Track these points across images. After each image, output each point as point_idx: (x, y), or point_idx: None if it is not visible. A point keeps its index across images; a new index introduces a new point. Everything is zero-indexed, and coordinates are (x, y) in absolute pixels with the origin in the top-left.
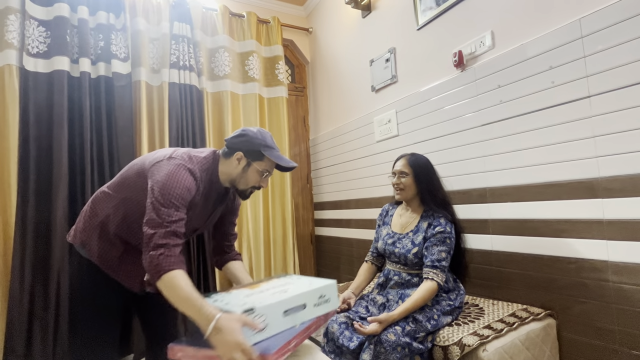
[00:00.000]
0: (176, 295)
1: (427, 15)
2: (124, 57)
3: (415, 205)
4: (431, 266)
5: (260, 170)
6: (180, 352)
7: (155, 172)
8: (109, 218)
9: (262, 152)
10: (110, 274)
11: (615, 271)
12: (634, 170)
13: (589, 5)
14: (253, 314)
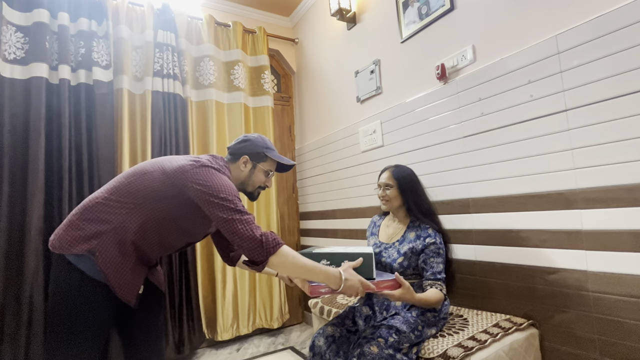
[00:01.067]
0: (299, 264)
1: (410, 28)
2: (106, 65)
3: (401, 216)
4: (434, 279)
5: (265, 171)
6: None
7: (195, 178)
8: (124, 225)
9: (265, 154)
10: (112, 286)
11: (594, 281)
12: (609, 182)
13: (564, 23)
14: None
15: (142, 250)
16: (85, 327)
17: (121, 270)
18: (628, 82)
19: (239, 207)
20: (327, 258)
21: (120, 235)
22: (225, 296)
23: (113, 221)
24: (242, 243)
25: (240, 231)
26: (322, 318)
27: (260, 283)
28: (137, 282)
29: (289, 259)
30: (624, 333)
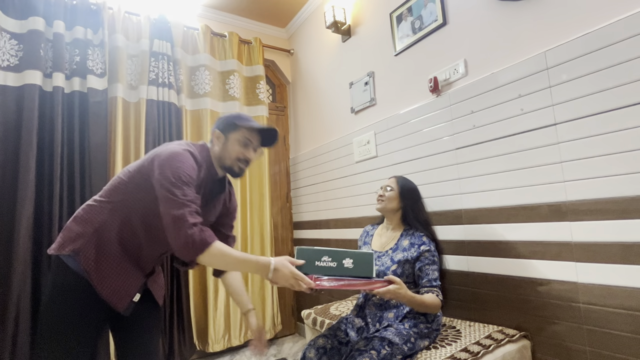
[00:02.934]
0: (230, 259)
1: (404, 42)
2: (101, 73)
3: (395, 223)
4: (429, 285)
5: (239, 140)
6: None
7: (157, 158)
8: (107, 224)
9: (235, 123)
10: (95, 285)
11: (584, 292)
12: (598, 195)
13: (553, 39)
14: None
15: (131, 251)
16: (74, 324)
17: (104, 271)
18: (614, 98)
19: (177, 197)
20: (329, 255)
21: (103, 235)
22: (217, 306)
23: (96, 221)
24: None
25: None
26: (315, 329)
27: (253, 293)
28: (126, 286)
29: (216, 257)
30: (615, 345)
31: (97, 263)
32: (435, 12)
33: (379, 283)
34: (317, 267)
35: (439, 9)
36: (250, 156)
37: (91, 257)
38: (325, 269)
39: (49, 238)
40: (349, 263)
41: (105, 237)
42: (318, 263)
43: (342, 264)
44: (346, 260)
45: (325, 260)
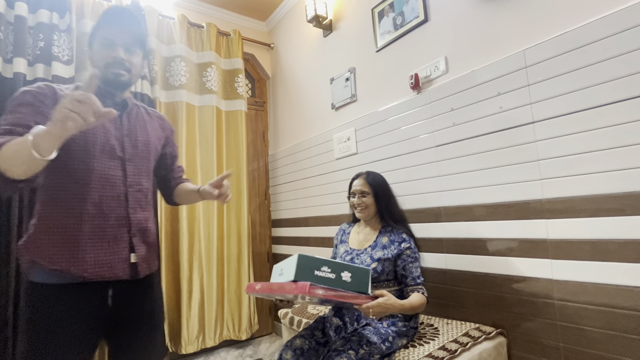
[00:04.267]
0: (10, 155)
1: (385, 38)
2: (67, 60)
3: (374, 222)
4: (414, 284)
5: (99, 43)
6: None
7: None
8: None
9: (93, 29)
10: (83, 273)
11: (559, 289)
12: (573, 193)
13: (532, 38)
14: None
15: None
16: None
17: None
18: (590, 97)
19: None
20: (329, 265)
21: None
22: (191, 307)
23: (33, 220)
24: None
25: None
26: (292, 329)
27: (229, 293)
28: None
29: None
30: (587, 341)
31: (59, 252)
32: (417, 9)
33: (369, 299)
34: (316, 276)
35: (420, 6)
36: (119, 55)
37: (51, 252)
38: (323, 279)
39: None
40: (347, 276)
41: (47, 225)
42: (317, 272)
43: (340, 277)
44: (344, 273)
45: (324, 270)
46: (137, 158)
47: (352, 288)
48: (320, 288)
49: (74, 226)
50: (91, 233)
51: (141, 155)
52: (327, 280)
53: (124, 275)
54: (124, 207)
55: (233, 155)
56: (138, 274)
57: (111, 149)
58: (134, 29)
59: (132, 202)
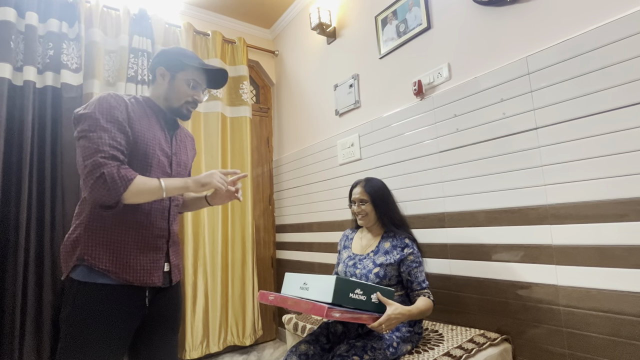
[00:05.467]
0: (139, 192)
1: (388, 45)
2: (76, 68)
3: (376, 228)
4: (420, 288)
5: (187, 80)
6: (271, 296)
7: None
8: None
9: (182, 61)
10: (125, 277)
11: (564, 295)
12: (577, 199)
13: (534, 45)
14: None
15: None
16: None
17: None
18: (593, 103)
19: (99, 141)
20: (362, 288)
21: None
22: (196, 312)
23: (82, 219)
24: (88, 190)
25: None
26: (296, 334)
27: (233, 298)
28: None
29: (143, 191)
30: (593, 347)
31: (107, 254)
32: (420, 16)
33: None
34: (350, 298)
35: (423, 13)
36: (199, 98)
37: (99, 253)
38: (356, 301)
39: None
40: (376, 298)
41: (98, 227)
42: (351, 295)
43: (370, 298)
44: (374, 295)
45: (357, 292)
46: (178, 175)
47: (380, 309)
48: (338, 311)
49: (124, 232)
50: (138, 241)
51: (181, 173)
52: (359, 302)
53: (159, 282)
54: (167, 220)
55: (238, 161)
56: (171, 282)
57: (163, 165)
58: (221, 86)
59: (172, 215)
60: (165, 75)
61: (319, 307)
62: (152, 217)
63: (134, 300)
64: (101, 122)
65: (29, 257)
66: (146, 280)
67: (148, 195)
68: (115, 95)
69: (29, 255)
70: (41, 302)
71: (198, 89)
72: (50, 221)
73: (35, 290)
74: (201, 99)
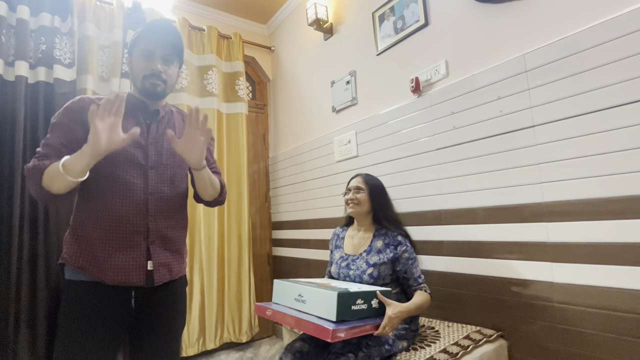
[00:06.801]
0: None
1: (386, 42)
2: (69, 63)
3: (367, 224)
4: (417, 284)
5: (140, 53)
6: (269, 311)
7: None
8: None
9: (135, 37)
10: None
11: (559, 292)
12: (573, 196)
13: (532, 43)
14: None
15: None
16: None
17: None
18: (590, 101)
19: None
20: (362, 297)
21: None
22: (192, 309)
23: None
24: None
25: None
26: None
27: (230, 295)
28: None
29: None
30: (587, 344)
31: (80, 251)
32: (417, 13)
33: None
34: (352, 311)
35: (421, 10)
36: (157, 67)
37: (74, 251)
38: (358, 312)
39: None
40: (376, 303)
41: (75, 224)
42: (354, 307)
43: (371, 305)
44: (374, 300)
45: (359, 303)
46: (160, 166)
47: (380, 312)
48: (342, 330)
49: (93, 229)
50: (108, 238)
51: (165, 163)
52: (360, 312)
53: (139, 282)
54: (143, 215)
55: (234, 157)
56: (154, 282)
57: (134, 158)
58: (173, 41)
59: (152, 209)
60: (129, 62)
61: (323, 330)
62: (123, 212)
63: (115, 299)
64: (52, 126)
65: (23, 256)
66: (122, 279)
67: (57, 181)
68: (78, 100)
69: (23, 253)
70: (35, 300)
71: (153, 57)
72: (43, 219)
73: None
74: (159, 69)
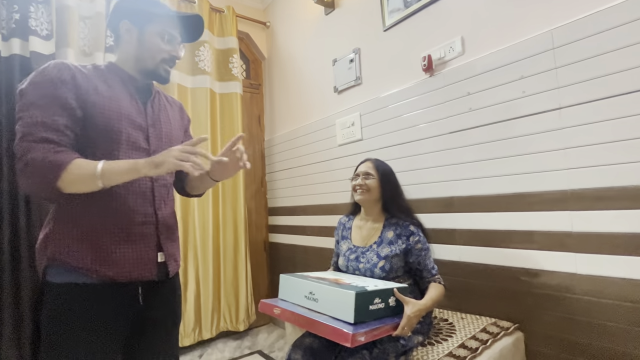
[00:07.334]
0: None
1: (394, 16)
2: (47, 35)
3: (375, 214)
4: (430, 276)
5: (159, 32)
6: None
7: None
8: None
9: (149, 11)
10: (110, 274)
11: (583, 284)
12: (602, 184)
13: (561, 17)
14: None
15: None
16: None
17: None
18: (624, 82)
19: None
20: (379, 295)
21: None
22: (187, 299)
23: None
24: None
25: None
26: None
27: (226, 283)
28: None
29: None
30: (611, 337)
31: (83, 249)
32: None
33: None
34: (370, 311)
35: None
36: (178, 54)
37: (73, 249)
38: (376, 312)
39: None
40: (393, 301)
41: (68, 219)
42: (371, 307)
43: (388, 303)
44: (391, 298)
45: (376, 302)
46: (161, 150)
47: (398, 310)
48: (362, 334)
49: (99, 222)
50: (118, 230)
51: (165, 147)
52: (378, 312)
53: (152, 276)
54: (151, 203)
55: (228, 140)
56: (168, 274)
57: (135, 140)
58: (196, 35)
59: (157, 197)
60: (132, 31)
61: (342, 334)
62: (130, 201)
63: (121, 298)
64: (33, 98)
65: (4, 255)
66: (135, 274)
67: (82, 185)
68: (58, 64)
69: (3, 252)
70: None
71: (174, 42)
72: (25, 213)
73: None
74: (179, 55)
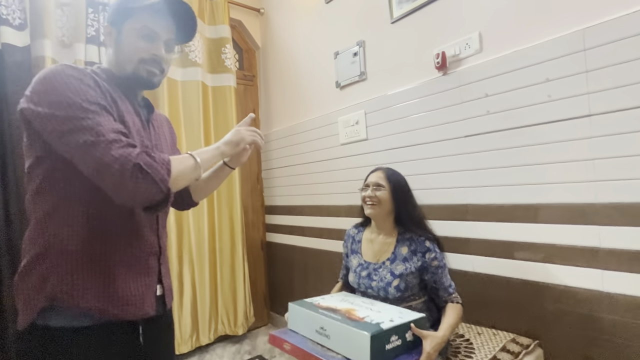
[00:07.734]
0: (177, 175)
1: (403, 7)
2: (20, 25)
3: (388, 228)
4: (448, 295)
5: (135, 28)
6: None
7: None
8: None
9: (126, 6)
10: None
11: (609, 303)
12: (634, 199)
13: (595, 15)
14: None
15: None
16: None
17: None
18: None
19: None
20: (396, 332)
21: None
22: (183, 305)
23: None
24: (117, 192)
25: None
26: None
27: (223, 287)
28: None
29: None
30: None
31: (94, 282)
32: None
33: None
34: (387, 351)
35: None
36: (159, 52)
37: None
38: (393, 350)
39: None
40: (410, 336)
41: (77, 244)
42: (388, 346)
43: (405, 339)
44: (408, 333)
45: (393, 340)
46: None
47: (416, 344)
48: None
49: (111, 246)
50: (128, 259)
51: None
52: (395, 350)
53: (153, 311)
54: (155, 232)
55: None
56: (165, 307)
57: None
58: (188, 29)
59: (161, 226)
60: (112, 33)
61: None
62: (139, 228)
63: (122, 340)
64: (83, 104)
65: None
66: (138, 311)
67: (187, 177)
68: (71, 67)
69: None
70: None
71: (156, 39)
72: (4, 216)
73: None
74: (163, 54)
